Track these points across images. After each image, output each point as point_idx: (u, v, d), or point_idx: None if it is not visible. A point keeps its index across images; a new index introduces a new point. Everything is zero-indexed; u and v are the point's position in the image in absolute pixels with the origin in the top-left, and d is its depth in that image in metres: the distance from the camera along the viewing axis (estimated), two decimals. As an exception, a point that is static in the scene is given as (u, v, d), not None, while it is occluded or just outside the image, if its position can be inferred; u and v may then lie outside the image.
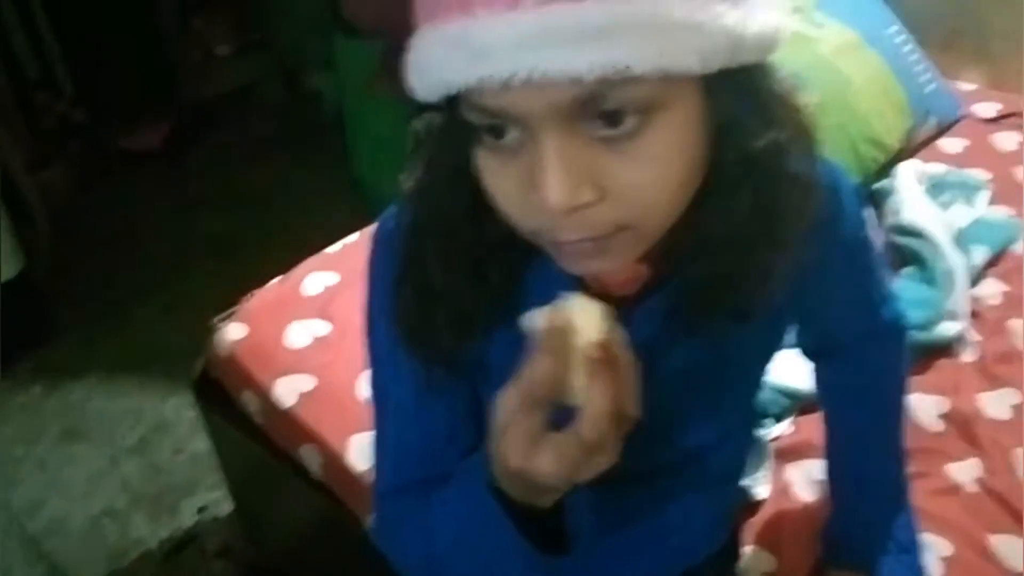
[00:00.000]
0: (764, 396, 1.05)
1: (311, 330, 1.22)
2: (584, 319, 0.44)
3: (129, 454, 1.89)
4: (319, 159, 2.67)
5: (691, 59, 0.41)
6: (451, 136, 0.49)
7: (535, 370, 0.45)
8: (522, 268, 0.58)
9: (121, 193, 2.64)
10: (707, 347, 0.62)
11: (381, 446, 0.69)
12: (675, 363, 0.62)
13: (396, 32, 1.93)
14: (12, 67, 2.50)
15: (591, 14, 0.39)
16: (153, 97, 2.74)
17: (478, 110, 0.45)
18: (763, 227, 0.52)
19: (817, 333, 0.81)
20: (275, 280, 1.33)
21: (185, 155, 2.78)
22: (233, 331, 1.23)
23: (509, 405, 0.46)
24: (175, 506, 1.77)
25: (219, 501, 1.73)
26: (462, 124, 0.47)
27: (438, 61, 0.44)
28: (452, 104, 0.47)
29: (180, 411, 1.93)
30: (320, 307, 1.26)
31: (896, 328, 0.81)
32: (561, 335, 0.44)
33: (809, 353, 0.85)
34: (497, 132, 0.45)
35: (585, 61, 0.39)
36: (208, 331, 1.28)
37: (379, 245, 0.65)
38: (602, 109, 0.42)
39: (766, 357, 0.72)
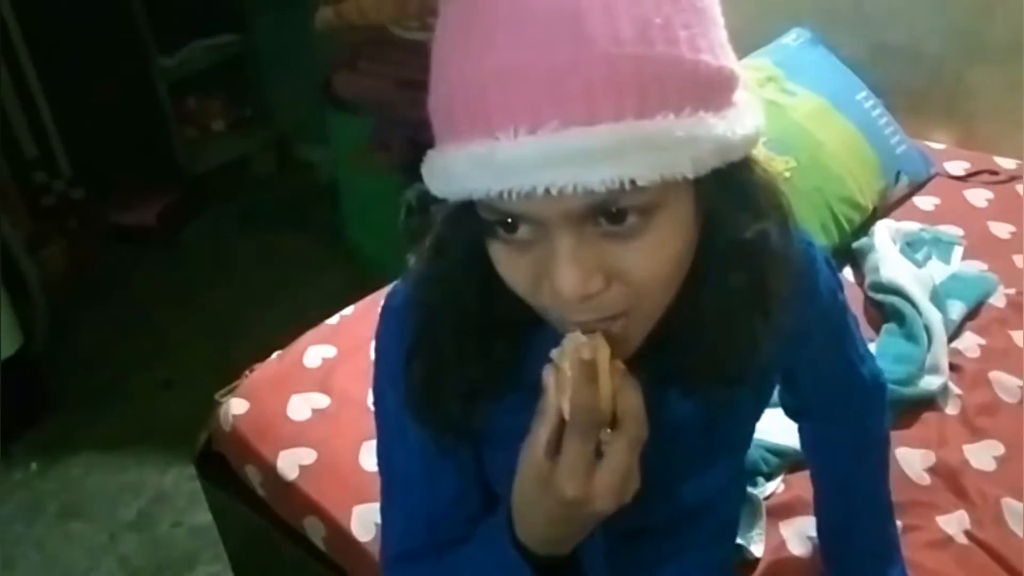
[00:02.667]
0: (754, 455, 1.08)
1: (311, 403, 1.25)
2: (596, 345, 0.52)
3: (128, 529, 1.88)
4: (313, 228, 2.73)
5: (686, 167, 0.46)
6: (465, 225, 0.54)
7: (579, 398, 0.50)
8: (526, 339, 0.62)
9: (118, 269, 2.68)
10: (699, 407, 0.66)
11: (389, 513, 0.72)
12: (668, 423, 0.65)
13: (379, 109, 2.00)
14: (11, 147, 2.56)
15: (603, 137, 0.44)
16: (150, 174, 2.80)
17: (495, 211, 0.49)
18: (751, 301, 0.57)
19: (800, 393, 0.85)
20: (275, 355, 1.36)
21: (181, 229, 2.83)
22: (235, 406, 1.25)
23: (543, 443, 0.51)
24: (175, 580, 1.76)
25: (221, 574, 1.73)
26: (477, 217, 0.51)
27: (462, 174, 0.47)
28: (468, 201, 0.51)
29: (179, 483, 1.94)
30: (319, 380, 1.29)
31: (876, 385, 0.85)
32: (591, 365, 0.50)
33: (792, 413, 0.89)
34: (510, 227, 0.50)
35: (598, 177, 0.44)
36: (208, 404, 1.30)
37: (387, 321, 0.69)
38: (608, 213, 0.47)
39: (755, 414, 0.76)
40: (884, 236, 1.50)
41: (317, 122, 2.48)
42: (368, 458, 1.13)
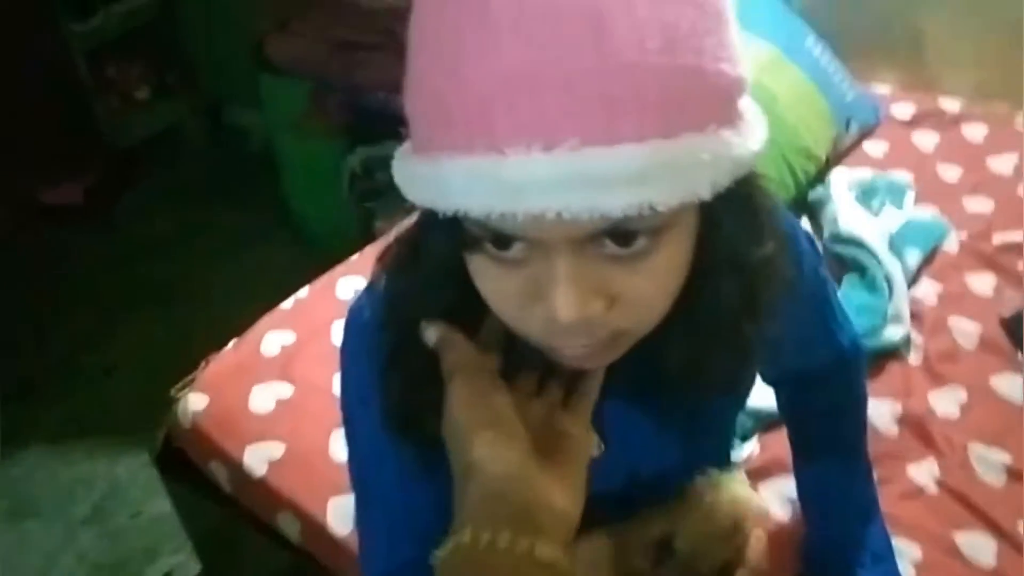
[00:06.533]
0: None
1: (274, 393, 1.21)
2: None
3: (83, 525, 1.82)
4: (251, 198, 2.62)
5: (705, 189, 0.42)
6: (446, 236, 0.49)
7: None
8: (509, 343, 0.59)
9: (48, 250, 2.55)
10: (678, 413, 0.64)
11: (370, 532, 0.69)
12: (649, 423, 0.64)
13: (315, 72, 1.91)
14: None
15: (626, 160, 0.39)
16: (73, 149, 2.65)
17: (489, 229, 0.44)
18: (742, 311, 0.54)
19: (780, 366, 0.84)
20: (231, 343, 1.30)
21: (112, 205, 2.70)
22: (194, 401, 1.20)
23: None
24: (139, 574, 1.72)
25: (184, 564, 1.69)
26: (459, 228, 0.46)
27: (459, 189, 0.42)
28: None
29: (134, 472, 1.88)
30: (280, 368, 1.24)
31: (855, 351, 0.85)
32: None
33: (770, 381, 0.89)
34: (502, 245, 0.45)
35: (619, 203, 0.40)
36: (156, 386, 1.25)
37: (355, 337, 0.65)
38: (617, 236, 0.43)
39: (740, 402, 0.75)
40: (839, 186, 1.51)
41: (249, 86, 2.36)
42: (340, 448, 1.10)
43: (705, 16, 0.41)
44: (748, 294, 0.53)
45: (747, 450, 1.10)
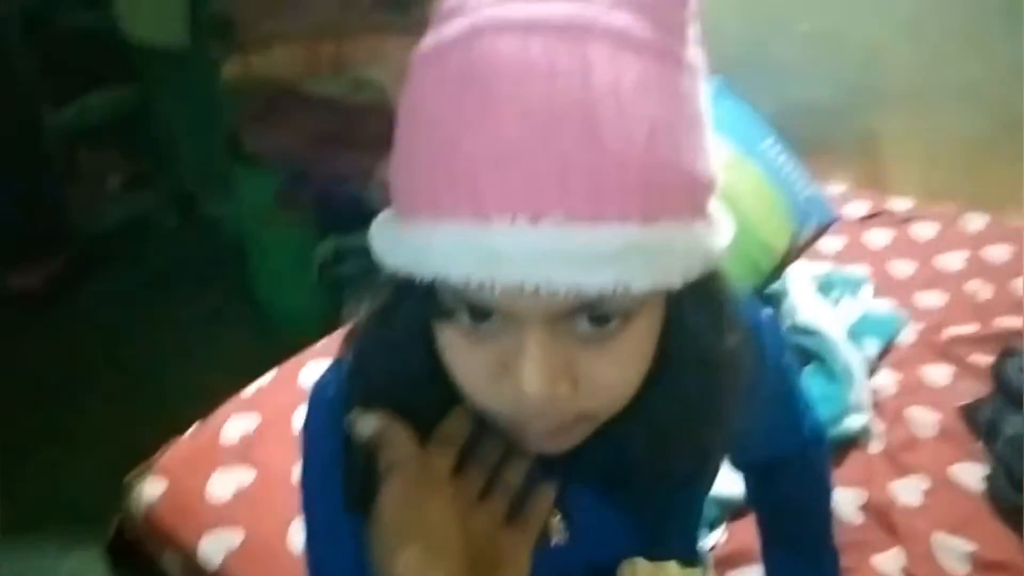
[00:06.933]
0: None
1: (234, 480, 1.18)
2: None
3: (28, 622, 1.73)
4: (219, 287, 2.62)
5: (676, 278, 0.43)
6: (418, 306, 0.49)
7: None
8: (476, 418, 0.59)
9: (4, 334, 2.50)
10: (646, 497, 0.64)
11: None
12: (614, 511, 0.64)
13: (290, 164, 1.94)
14: None
15: (608, 239, 0.41)
16: (38, 234, 2.64)
17: (465, 299, 0.45)
18: (705, 407, 0.55)
19: (747, 454, 0.85)
20: (190, 429, 1.28)
21: (75, 292, 2.67)
22: (150, 487, 1.17)
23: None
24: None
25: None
26: (435, 301, 0.47)
27: (442, 254, 0.43)
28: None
29: (85, 566, 1.79)
30: (241, 453, 1.22)
31: (819, 440, 0.86)
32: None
33: (737, 465, 0.89)
34: (479, 317, 0.46)
35: (599, 280, 0.41)
36: (112, 478, 1.21)
37: (318, 414, 0.64)
38: (591, 315, 0.44)
39: (706, 490, 0.75)
40: (798, 279, 1.55)
41: (222, 177, 2.40)
42: (301, 537, 1.07)
43: (684, 116, 0.44)
44: (710, 388, 0.54)
45: (714, 538, 1.09)
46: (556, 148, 0.41)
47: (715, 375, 0.54)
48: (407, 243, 0.45)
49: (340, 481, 0.59)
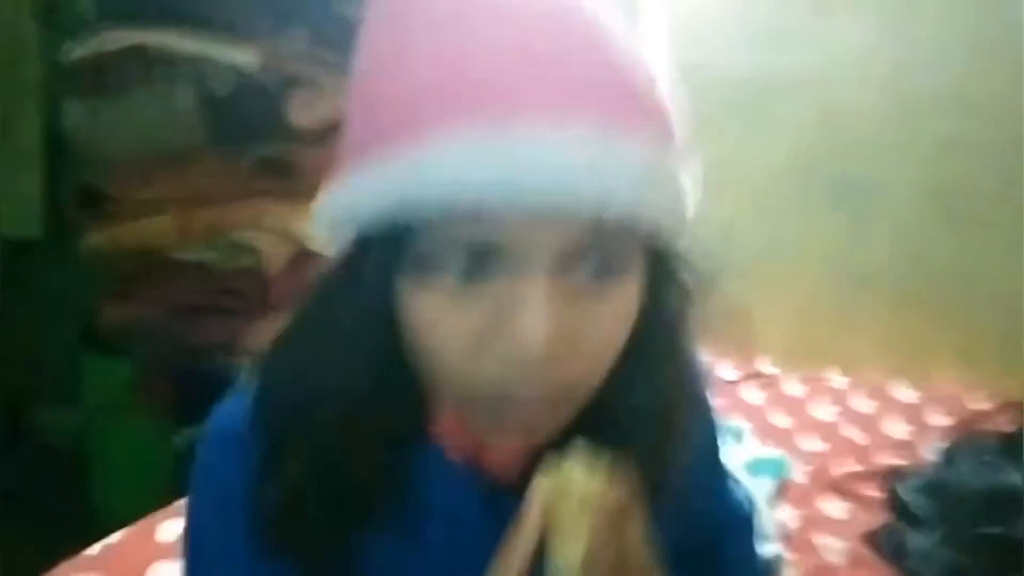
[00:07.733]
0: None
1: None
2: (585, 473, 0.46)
3: None
4: (49, 505, 2.30)
5: (679, 211, 0.45)
6: (380, 273, 0.44)
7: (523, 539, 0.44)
8: (407, 457, 0.53)
9: None
10: None
11: None
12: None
13: (151, 339, 1.79)
14: None
15: (632, 155, 0.41)
16: None
17: (464, 241, 0.41)
18: (674, 398, 0.55)
19: (686, 523, 0.79)
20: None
21: None
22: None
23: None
24: None
25: None
26: (413, 259, 0.43)
27: (452, 173, 0.39)
28: (396, 242, 0.42)
29: None
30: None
31: (749, 511, 0.82)
32: (562, 496, 0.45)
33: (675, 551, 0.82)
34: (472, 266, 0.42)
35: (619, 198, 0.40)
36: None
37: (221, 446, 0.57)
38: (596, 263, 0.43)
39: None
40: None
41: (62, 376, 2.20)
42: None
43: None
44: (678, 379, 0.55)
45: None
46: (588, 58, 0.40)
47: (681, 364, 0.55)
48: (396, 178, 0.41)
49: (241, 518, 0.53)
